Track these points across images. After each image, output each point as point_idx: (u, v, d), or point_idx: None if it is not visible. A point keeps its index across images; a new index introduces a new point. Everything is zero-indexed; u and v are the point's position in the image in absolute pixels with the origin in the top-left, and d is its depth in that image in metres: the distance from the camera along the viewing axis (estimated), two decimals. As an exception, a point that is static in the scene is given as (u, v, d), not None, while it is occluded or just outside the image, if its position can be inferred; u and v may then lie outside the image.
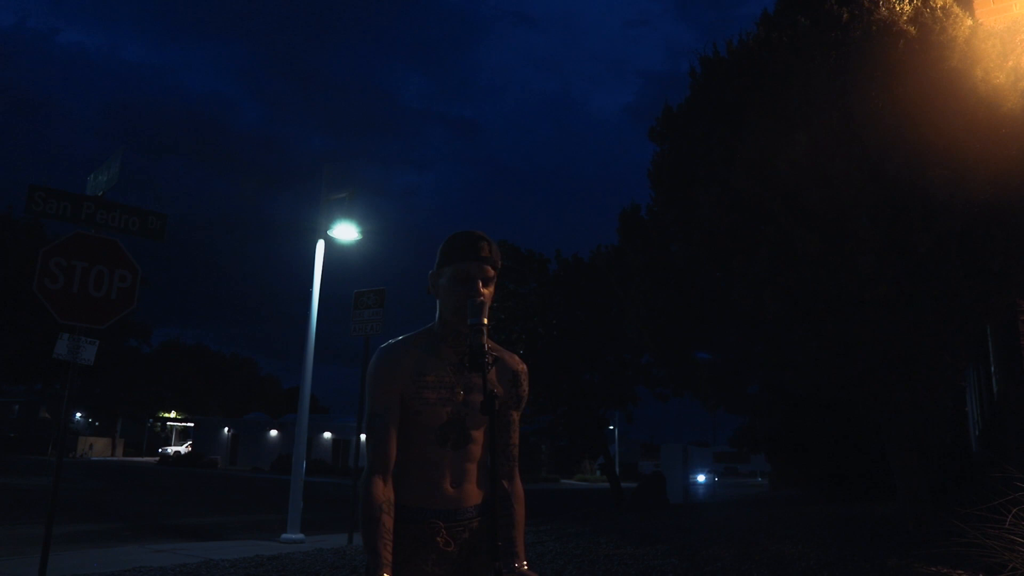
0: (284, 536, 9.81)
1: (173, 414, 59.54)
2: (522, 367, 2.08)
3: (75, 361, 6.05)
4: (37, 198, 6.03)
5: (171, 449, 49.63)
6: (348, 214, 11.40)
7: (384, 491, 1.86)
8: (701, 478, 26.75)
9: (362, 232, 11.56)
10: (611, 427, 39.78)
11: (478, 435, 1.98)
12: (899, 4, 7.97)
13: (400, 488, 1.93)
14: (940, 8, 7.85)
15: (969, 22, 7.82)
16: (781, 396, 16.70)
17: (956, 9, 7.86)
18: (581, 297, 20.84)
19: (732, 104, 9.16)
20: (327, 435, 46.22)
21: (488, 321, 1.87)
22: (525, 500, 2.06)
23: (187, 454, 46.47)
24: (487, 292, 1.94)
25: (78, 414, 54.60)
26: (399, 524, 1.89)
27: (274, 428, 46.84)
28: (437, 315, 2.02)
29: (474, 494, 1.98)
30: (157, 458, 49.28)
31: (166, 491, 21.87)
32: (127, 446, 56.99)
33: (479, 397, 1.91)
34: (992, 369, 9.49)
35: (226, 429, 48.78)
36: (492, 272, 1.97)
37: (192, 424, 52.69)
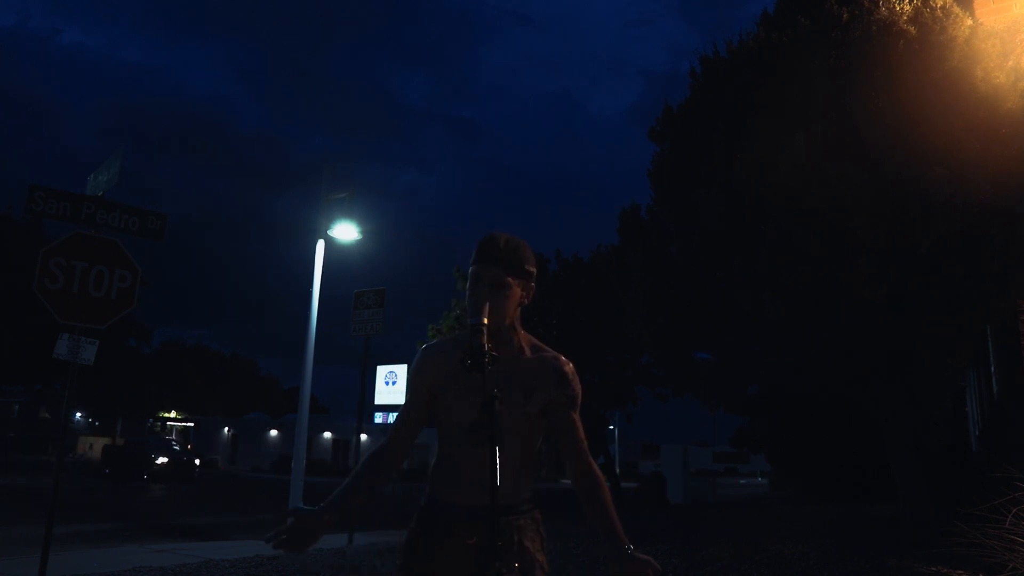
0: (284, 536, 9.80)
1: (173, 414, 59.50)
2: (569, 367, 2.10)
3: (75, 361, 6.05)
4: (37, 198, 6.03)
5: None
6: (348, 214, 11.39)
7: (384, 455, 2.05)
8: None
9: (362, 232, 11.56)
10: (611, 427, 39.76)
11: (510, 436, 1.96)
12: (899, 4, 7.96)
13: (434, 481, 2.06)
14: (940, 8, 7.85)
15: (969, 22, 7.82)
16: (781, 396, 16.71)
17: (956, 9, 7.86)
18: (581, 297, 20.84)
19: (732, 104, 9.16)
20: (327, 435, 46.19)
21: (489, 321, 1.87)
22: (605, 484, 2.13)
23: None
24: (500, 294, 1.96)
25: (78, 414, 54.59)
26: (429, 515, 2.02)
27: (274, 428, 46.82)
28: None
29: (505, 493, 1.96)
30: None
31: (166, 491, 21.86)
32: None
33: (513, 396, 1.95)
34: (992, 369, 9.48)
35: (226, 429, 48.76)
36: (506, 276, 1.97)
37: (192, 424, 52.65)
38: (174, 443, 32.75)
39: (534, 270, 2.06)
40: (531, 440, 2.06)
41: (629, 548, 1.98)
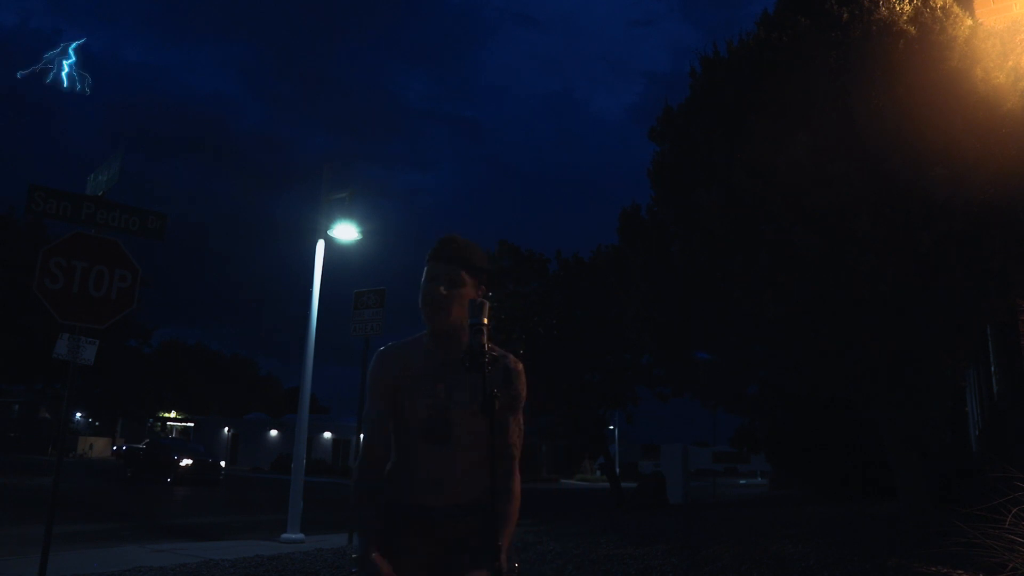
0: (284, 536, 9.81)
1: (173, 414, 59.54)
2: (518, 367, 2.06)
3: (75, 361, 6.05)
4: (37, 198, 6.03)
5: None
6: (348, 214, 11.39)
7: (373, 476, 1.99)
8: None
9: (362, 232, 11.56)
10: (611, 427, 39.76)
11: (463, 433, 1.98)
12: (899, 4, 7.97)
13: (392, 483, 2.02)
14: (940, 8, 7.85)
15: (969, 22, 7.83)
16: (781, 396, 16.72)
17: (956, 9, 7.86)
18: (581, 297, 20.84)
19: (732, 104, 9.16)
20: (327, 435, 46.23)
21: (452, 320, 1.90)
22: (520, 497, 2.03)
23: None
24: (452, 292, 1.98)
25: (78, 414, 54.59)
26: (390, 519, 1.97)
27: (274, 428, 46.84)
28: None
29: (458, 492, 1.98)
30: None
31: (165, 490, 21.86)
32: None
33: (465, 396, 1.95)
34: (992, 369, 9.49)
35: (226, 429, 48.78)
36: (461, 273, 1.99)
37: (192, 424, 52.67)
38: (199, 445, 31.28)
39: (484, 268, 2.07)
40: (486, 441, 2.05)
41: (501, 563, 1.85)
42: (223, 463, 26.92)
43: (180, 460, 24.77)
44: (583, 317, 20.65)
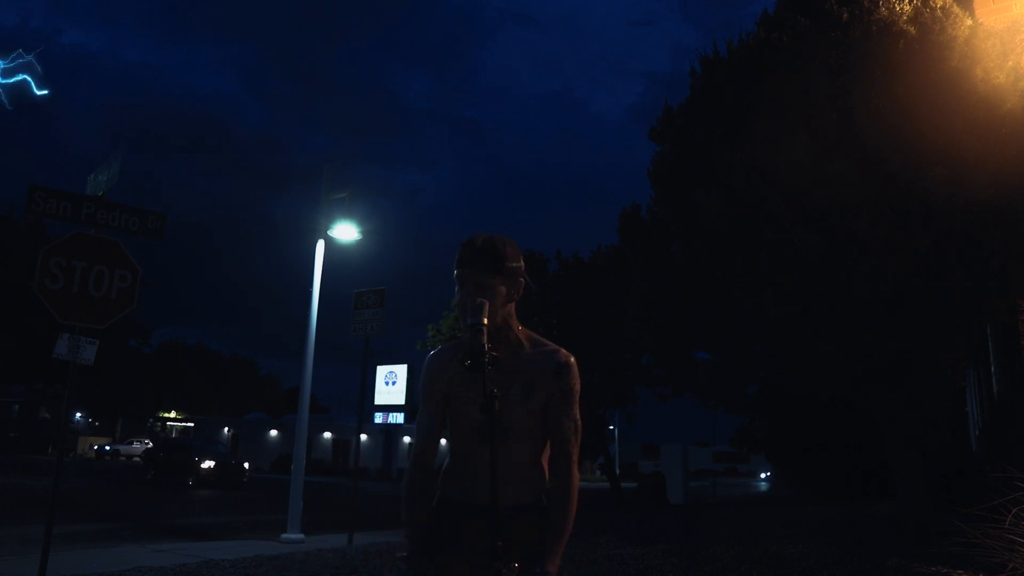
0: (284, 536, 9.81)
1: (173, 414, 59.55)
2: (568, 359, 2.03)
3: (75, 361, 6.04)
4: (37, 198, 6.03)
5: (110, 446, 46.01)
6: (348, 214, 11.39)
7: (421, 478, 2.02)
8: None
9: (362, 232, 11.55)
10: (611, 427, 39.76)
11: (518, 434, 1.99)
12: (899, 4, 7.96)
13: (446, 482, 2.07)
14: (940, 8, 7.85)
15: (969, 22, 7.83)
16: (781, 396, 16.71)
17: (956, 9, 7.86)
18: (581, 297, 20.84)
19: (732, 104, 9.15)
20: (327, 435, 46.25)
21: (488, 320, 1.87)
22: (577, 498, 2.00)
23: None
24: (485, 295, 1.95)
25: (78, 414, 54.61)
26: (442, 515, 2.03)
27: (274, 428, 46.85)
28: None
29: (515, 493, 1.97)
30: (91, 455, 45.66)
31: (168, 491, 21.86)
32: (127, 446, 56.83)
33: (516, 394, 1.97)
34: (992, 369, 9.49)
35: (226, 429, 48.78)
36: (487, 275, 1.96)
37: (192, 424, 52.69)
38: (220, 445, 29.73)
39: (517, 265, 2.01)
40: (541, 437, 2.04)
41: (540, 571, 1.84)
42: (247, 464, 25.69)
43: (202, 462, 23.71)
44: (583, 317, 20.65)
